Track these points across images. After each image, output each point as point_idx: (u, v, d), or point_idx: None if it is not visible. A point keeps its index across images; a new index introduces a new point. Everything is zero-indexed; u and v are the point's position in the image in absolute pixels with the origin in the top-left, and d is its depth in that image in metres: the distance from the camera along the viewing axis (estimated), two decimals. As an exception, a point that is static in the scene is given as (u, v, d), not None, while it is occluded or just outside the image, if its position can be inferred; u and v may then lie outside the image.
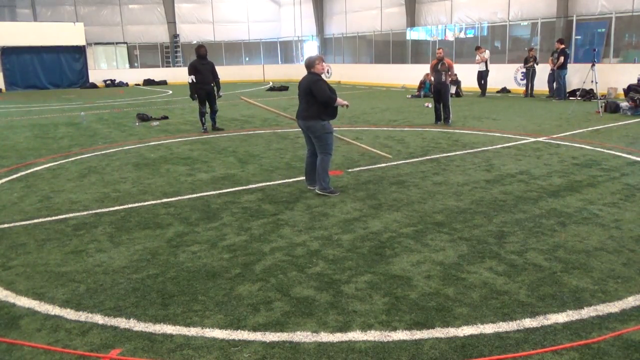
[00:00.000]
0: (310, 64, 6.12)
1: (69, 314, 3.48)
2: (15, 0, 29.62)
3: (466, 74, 19.20)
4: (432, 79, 12.33)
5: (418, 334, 3.10)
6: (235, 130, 11.98)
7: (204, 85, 11.17)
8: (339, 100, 6.10)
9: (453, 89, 17.32)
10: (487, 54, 18.67)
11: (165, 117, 14.37)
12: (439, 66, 11.72)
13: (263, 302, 3.55)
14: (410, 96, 19.46)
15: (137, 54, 32.40)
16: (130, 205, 5.99)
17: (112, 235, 5.00)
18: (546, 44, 20.15)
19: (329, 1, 31.45)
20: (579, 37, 18.89)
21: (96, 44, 31.15)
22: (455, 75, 18.43)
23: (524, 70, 18.55)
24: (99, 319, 3.39)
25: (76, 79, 30.09)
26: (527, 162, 7.74)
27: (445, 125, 11.73)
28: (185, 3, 33.07)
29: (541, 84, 17.71)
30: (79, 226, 5.30)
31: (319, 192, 6.25)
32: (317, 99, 6.00)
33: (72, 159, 8.97)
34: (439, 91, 11.87)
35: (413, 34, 25.97)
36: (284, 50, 35.45)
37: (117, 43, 31.64)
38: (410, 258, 4.24)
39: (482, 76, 18.78)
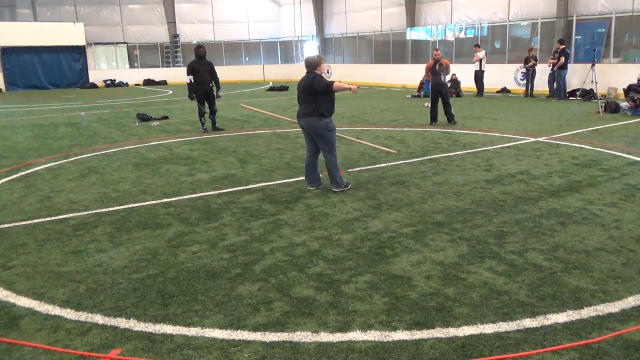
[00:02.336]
0: (314, 64, 6.14)
1: (69, 314, 3.48)
2: (15, 0, 29.62)
3: (466, 74, 19.20)
4: (430, 79, 12.25)
5: (418, 334, 3.10)
6: (235, 130, 11.98)
7: (203, 86, 11.16)
8: (338, 84, 6.05)
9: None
10: (482, 53, 18.66)
11: (165, 117, 14.37)
12: (437, 67, 11.66)
13: (263, 302, 3.55)
14: (410, 96, 19.46)
15: (137, 54, 32.40)
16: (130, 205, 5.99)
17: (112, 235, 5.00)
18: (546, 44, 20.15)
19: (329, 1, 31.44)
20: (579, 37, 18.88)
21: (96, 44, 31.14)
22: (454, 74, 18.43)
23: (524, 70, 18.55)
24: (99, 319, 3.39)
25: (76, 79, 30.08)
26: (527, 162, 7.74)
27: (451, 124, 11.66)
28: (185, 3, 33.06)
29: (541, 84, 17.71)
30: (79, 226, 5.30)
31: (335, 190, 6.29)
32: (317, 97, 6.03)
33: (72, 159, 8.97)
34: (438, 91, 11.77)
35: (413, 34, 25.96)
36: (284, 50, 35.45)
37: (117, 43, 31.63)
38: (410, 258, 4.24)
39: (477, 76, 18.79)
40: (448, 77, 11.84)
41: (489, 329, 3.14)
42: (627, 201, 5.66)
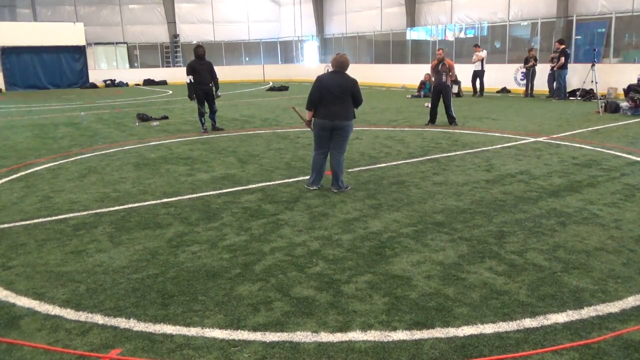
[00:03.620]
0: (347, 65, 6.17)
1: (69, 314, 3.47)
2: (15, 0, 29.62)
3: (466, 74, 19.19)
4: (433, 79, 12.16)
5: (418, 334, 3.10)
6: (235, 130, 11.98)
7: (203, 86, 11.16)
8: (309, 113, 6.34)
9: (455, 89, 17.26)
10: (483, 53, 18.66)
11: (165, 117, 14.37)
12: (440, 67, 11.54)
13: (263, 302, 3.55)
14: (410, 96, 19.47)
15: (137, 54, 32.41)
16: (130, 205, 5.98)
17: (112, 235, 5.00)
18: (546, 44, 20.15)
19: (329, 1, 31.44)
20: (579, 37, 18.89)
21: (96, 44, 31.15)
22: (456, 75, 18.42)
23: (524, 70, 18.55)
24: (99, 319, 3.39)
25: (76, 79, 30.09)
26: (527, 162, 7.74)
27: (453, 126, 11.57)
28: (185, 3, 33.07)
29: (541, 84, 17.71)
30: (79, 226, 5.30)
31: (335, 191, 6.28)
32: (352, 99, 6.12)
33: (72, 159, 8.97)
34: (439, 92, 11.69)
35: (413, 34, 25.97)
36: (284, 50, 35.46)
37: (117, 43, 31.64)
38: (410, 258, 4.24)
39: (478, 76, 18.78)
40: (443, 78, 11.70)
41: (489, 329, 3.14)
42: (627, 201, 5.66)
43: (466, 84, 19.25)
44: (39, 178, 7.54)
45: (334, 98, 6.03)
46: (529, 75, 18.04)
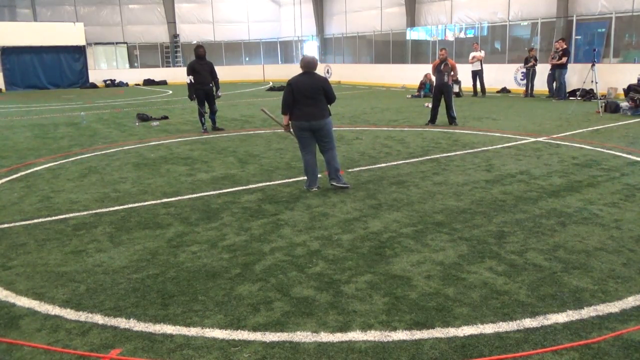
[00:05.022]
0: (315, 65, 6.22)
1: (69, 314, 3.48)
2: (15, 0, 29.61)
3: (467, 74, 19.17)
4: (434, 79, 12.13)
5: (418, 334, 3.10)
6: (235, 130, 11.98)
7: (203, 86, 11.16)
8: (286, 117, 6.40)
9: (456, 88, 17.24)
10: (482, 53, 18.65)
11: (165, 117, 14.37)
12: (442, 67, 11.51)
13: (263, 302, 3.55)
14: (410, 96, 19.46)
15: (137, 54, 32.38)
16: (130, 205, 5.99)
17: (112, 235, 5.00)
18: (546, 44, 20.15)
19: (329, 1, 31.42)
20: (579, 37, 18.88)
21: (96, 44, 31.12)
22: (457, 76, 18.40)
23: (524, 70, 18.55)
24: (99, 319, 3.39)
25: (76, 79, 30.06)
26: (527, 162, 7.73)
27: (453, 126, 11.55)
28: (185, 3, 33.05)
29: (541, 84, 17.70)
30: (79, 226, 5.30)
31: (337, 185, 6.33)
32: (324, 97, 6.17)
33: (72, 159, 8.97)
34: (440, 92, 11.67)
35: (413, 34, 25.95)
36: (284, 50, 35.44)
37: (117, 43, 31.61)
38: (410, 258, 4.24)
39: (477, 75, 18.76)
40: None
41: (489, 329, 3.14)
42: (627, 201, 5.66)
43: (466, 83, 19.24)
44: (39, 178, 7.54)
45: (307, 99, 6.12)
46: (529, 75, 18.02)
